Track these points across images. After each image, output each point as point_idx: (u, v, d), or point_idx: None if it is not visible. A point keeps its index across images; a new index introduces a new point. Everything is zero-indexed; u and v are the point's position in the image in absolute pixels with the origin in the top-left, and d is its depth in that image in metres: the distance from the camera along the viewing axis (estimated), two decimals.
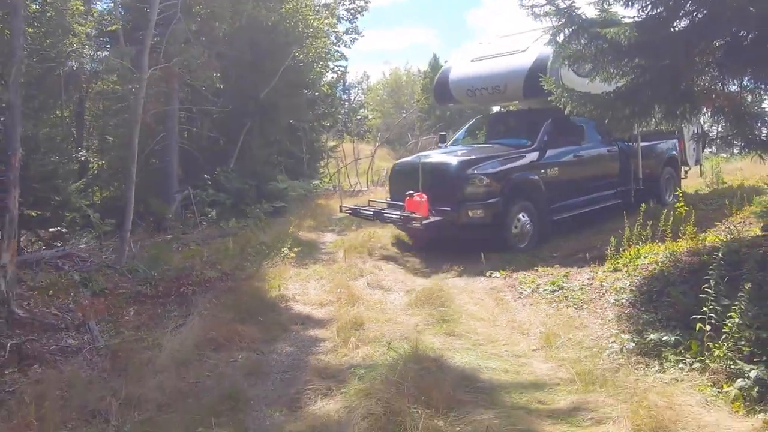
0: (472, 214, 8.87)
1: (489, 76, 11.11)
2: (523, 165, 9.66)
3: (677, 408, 3.61)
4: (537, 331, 5.42)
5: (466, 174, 9.11)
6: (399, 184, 9.88)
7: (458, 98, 11.88)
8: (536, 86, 9.61)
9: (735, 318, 4.05)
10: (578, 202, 10.44)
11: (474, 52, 12.06)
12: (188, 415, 3.95)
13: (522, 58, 10.72)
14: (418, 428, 3.23)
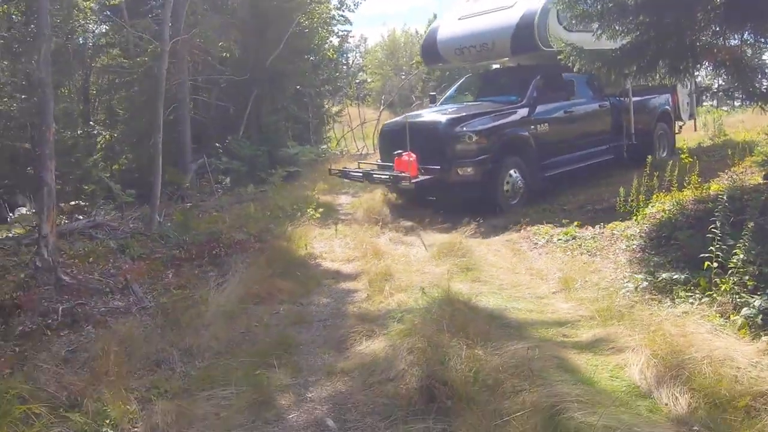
0: (461, 172, 8.91)
1: (476, 34, 11.07)
2: (512, 121, 9.67)
3: (689, 335, 4.03)
4: (555, 276, 5.86)
5: (455, 132, 9.12)
6: (388, 145, 9.92)
7: (446, 57, 11.89)
8: (524, 42, 10.20)
9: (740, 254, 4.47)
10: (570, 158, 10.47)
11: (461, 10, 12.00)
12: (245, 360, 4.39)
13: (509, 14, 10.67)
14: (461, 357, 3.66)
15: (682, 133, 14.24)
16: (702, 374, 3.60)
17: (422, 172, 8.82)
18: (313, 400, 3.78)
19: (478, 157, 8.91)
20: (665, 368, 3.75)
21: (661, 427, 3.28)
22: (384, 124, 12.04)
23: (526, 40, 10.14)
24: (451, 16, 12.17)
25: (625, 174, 8.86)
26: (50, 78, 6.88)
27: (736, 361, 3.70)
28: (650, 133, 12.35)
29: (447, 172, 8.90)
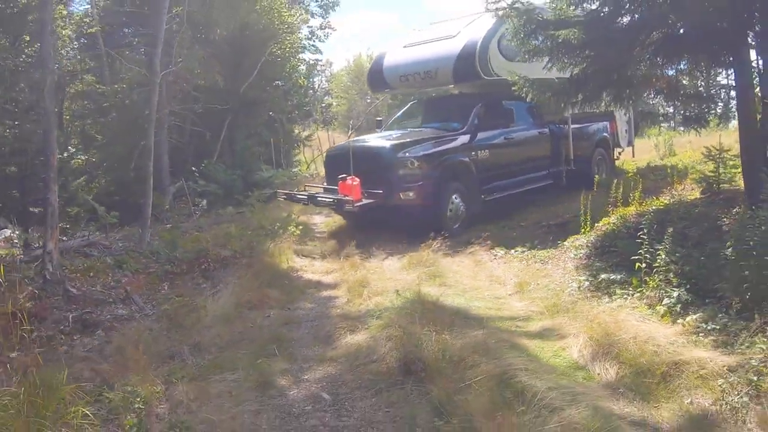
0: (404, 197, 9.19)
1: (421, 62, 11.49)
2: (454, 148, 10.02)
3: (621, 323, 4.89)
4: (511, 281, 6.75)
5: (398, 157, 9.43)
6: (333, 169, 10.05)
7: (392, 84, 12.30)
8: (466, 71, 10.71)
9: (662, 256, 5.39)
10: (510, 183, 10.82)
11: (407, 39, 12.59)
12: (247, 353, 5.16)
13: (452, 43, 11.15)
14: (431, 341, 4.48)
15: (634, 154, 15.34)
16: (628, 351, 4.48)
17: (365, 195, 9.10)
18: (308, 381, 4.56)
19: (419, 182, 9.25)
20: (599, 347, 4.63)
21: (593, 390, 4.14)
22: (329, 148, 12.77)
23: (468, 68, 10.66)
24: (396, 44, 12.68)
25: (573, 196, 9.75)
26: (53, 107, 7.60)
27: (657, 341, 4.57)
28: (589, 159, 12.79)
29: (390, 197, 9.22)
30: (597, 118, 13.05)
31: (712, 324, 4.67)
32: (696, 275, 5.29)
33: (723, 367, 4.11)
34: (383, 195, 9.21)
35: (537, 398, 3.69)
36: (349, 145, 9.48)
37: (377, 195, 9.18)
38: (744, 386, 3.89)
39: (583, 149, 12.54)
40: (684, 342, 4.53)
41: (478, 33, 10.85)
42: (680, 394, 4.03)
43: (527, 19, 7.94)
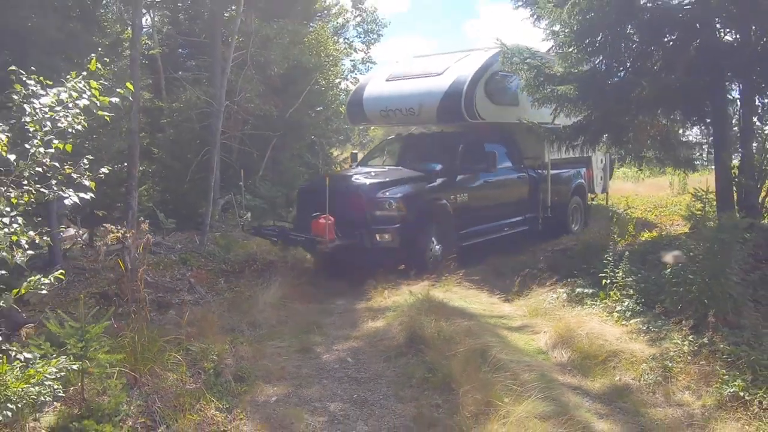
0: (379, 238, 8.86)
1: (403, 97, 11.14)
2: (432, 189, 9.76)
3: (582, 323, 6.41)
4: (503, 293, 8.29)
5: (376, 197, 9.12)
6: (306, 205, 9.68)
7: (371, 118, 12.02)
8: (450, 111, 10.48)
9: (620, 274, 6.91)
10: (487, 228, 10.62)
11: (390, 71, 12.14)
12: (291, 330, 6.80)
13: (437, 81, 10.83)
14: (431, 326, 6.06)
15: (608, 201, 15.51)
16: (581, 342, 6.00)
17: (339, 235, 8.64)
18: (337, 350, 6.18)
19: (397, 224, 8.92)
20: (560, 339, 6.17)
21: (547, 366, 5.69)
22: (301, 184, 12.44)
23: (453, 109, 10.42)
24: (379, 76, 12.30)
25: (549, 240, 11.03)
26: (137, 127, 9.37)
27: (605, 337, 6.08)
28: (565, 205, 12.63)
29: (365, 237, 8.85)
30: (574, 164, 13.02)
31: (649, 326, 6.16)
32: (646, 290, 6.78)
33: (648, 356, 5.61)
34: (359, 236, 8.84)
35: (500, 365, 5.25)
36: (326, 182, 8.60)
37: (352, 235, 8.81)
38: (659, 369, 5.39)
39: (560, 196, 12.37)
40: (626, 338, 6.04)
41: (465, 73, 10.64)
42: (612, 373, 5.56)
43: (537, 73, 9.53)
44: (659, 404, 5.03)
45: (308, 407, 4.92)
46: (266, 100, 13.65)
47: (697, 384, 5.10)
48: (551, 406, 4.64)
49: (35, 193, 4.22)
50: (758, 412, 4.54)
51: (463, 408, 4.55)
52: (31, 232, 4.09)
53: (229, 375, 5.35)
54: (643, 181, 21.76)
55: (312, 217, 8.73)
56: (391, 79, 11.79)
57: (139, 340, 5.26)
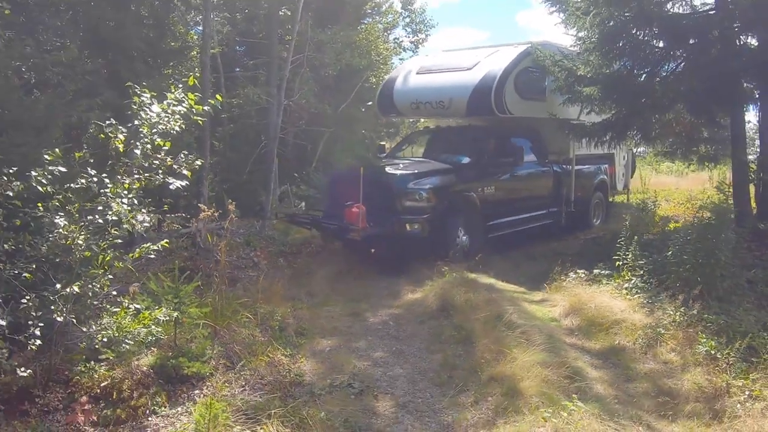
0: (409, 228, 9.22)
1: (434, 90, 11.50)
2: (460, 181, 10.12)
3: (594, 298, 7.47)
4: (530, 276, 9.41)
5: (406, 188, 9.47)
6: (337, 194, 10.03)
7: (402, 110, 12.32)
8: (480, 105, 10.75)
9: (630, 257, 7.96)
10: (512, 221, 10.91)
11: (421, 64, 12.58)
12: (343, 299, 8.06)
13: (468, 75, 11.15)
14: (460, 296, 7.23)
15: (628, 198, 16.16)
16: (590, 313, 7.11)
17: (371, 224, 8.99)
18: (381, 315, 7.42)
19: (427, 215, 9.29)
20: (572, 310, 7.29)
21: (556, 330, 6.82)
22: (333, 173, 12.83)
23: (483, 103, 10.70)
24: (410, 68, 12.71)
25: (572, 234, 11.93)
26: (208, 123, 10.74)
27: (612, 309, 7.15)
28: (588, 201, 13.08)
29: (396, 226, 9.24)
30: (597, 161, 13.47)
31: (650, 300, 7.20)
32: (653, 270, 7.81)
33: (645, 324, 6.67)
34: (389, 224, 9.26)
35: (515, 326, 6.40)
36: (358, 172, 9.03)
37: (383, 224, 9.21)
38: (652, 335, 6.46)
39: (583, 191, 12.79)
40: (629, 310, 7.09)
41: (495, 68, 10.98)
42: (613, 337, 6.65)
43: (568, 74, 10.55)
44: (647, 361, 6.13)
45: (356, 355, 6.17)
46: (320, 99, 14.90)
47: (681, 347, 6.16)
48: (553, 357, 5.79)
49: (145, 180, 5.53)
50: (725, 367, 5.58)
51: (479, 355, 5.74)
52: (143, 210, 5.41)
53: (291, 331, 6.62)
54: (687, 175, 22.47)
55: (345, 205, 9.11)
56: (421, 72, 12.19)
57: (219, 301, 6.54)
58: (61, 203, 5.01)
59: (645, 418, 5.00)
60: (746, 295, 7.13)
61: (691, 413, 5.06)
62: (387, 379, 5.67)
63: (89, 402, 4.91)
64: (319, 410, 4.84)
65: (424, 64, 12.57)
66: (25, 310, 4.62)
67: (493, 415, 4.85)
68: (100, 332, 5.12)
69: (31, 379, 4.77)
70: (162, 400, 5.07)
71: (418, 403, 5.20)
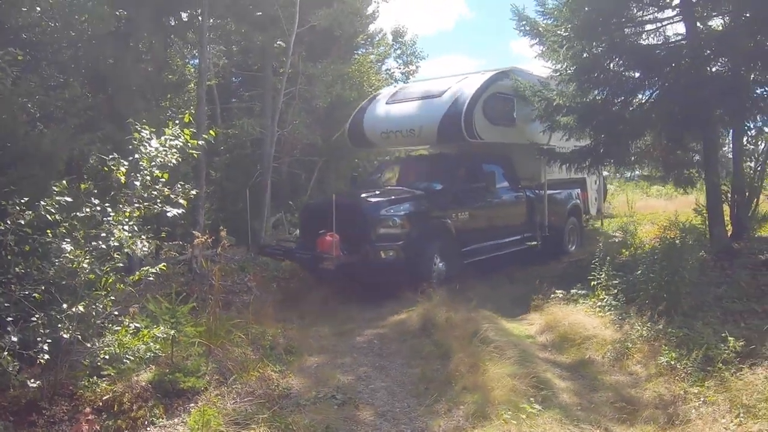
0: (384, 255, 9.26)
1: (404, 119, 11.63)
2: (434, 208, 10.25)
3: (569, 316, 7.97)
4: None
5: (380, 214, 9.58)
6: (310, 224, 10.16)
7: (372, 140, 12.40)
8: (450, 132, 10.92)
9: (604, 276, 8.46)
10: (487, 247, 11.01)
11: (390, 94, 12.77)
12: (332, 320, 8.53)
13: (437, 102, 11.33)
14: (441, 315, 7.71)
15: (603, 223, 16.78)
16: (564, 329, 7.59)
17: (344, 253, 9.11)
18: (366, 334, 7.90)
19: (400, 241, 9.38)
20: (547, 327, 7.78)
21: (531, 345, 7.30)
22: (307, 202, 12.92)
23: (453, 129, 10.84)
24: (379, 98, 12.85)
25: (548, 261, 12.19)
26: (205, 164, 11.31)
27: (584, 325, 7.63)
28: (562, 227, 13.31)
29: (370, 254, 9.25)
30: (570, 185, 13.71)
31: (621, 317, 7.68)
32: (624, 289, 8.30)
33: (614, 339, 7.16)
34: (364, 253, 9.26)
35: (491, 342, 6.87)
36: (331, 201, 9.02)
37: (357, 252, 9.24)
38: (621, 349, 6.93)
39: (557, 216, 13.02)
40: (601, 327, 7.58)
41: (464, 94, 11.11)
42: (583, 351, 7.13)
43: (548, 104, 11.14)
44: (613, 373, 6.60)
45: (341, 370, 6.64)
46: (312, 131, 15.48)
47: (646, 359, 6.63)
48: (524, 369, 6.25)
49: (144, 209, 6.05)
50: (683, 376, 6.06)
51: (455, 369, 6.23)
52: (142, 237, 5.93)
53: (281, 349, 7.09)
54: (677, 198, 22.99)
55: (318, 234, 9.26)
56: (391, 102, 12.38)
57: (213, 322, 7.02)
58: (68, 230, 5.53)
59: (604, 423, 5.46)
60: (712, 311, 7.58)
61: (648, 418, 5.51)
62: (368, 391, 6.14)
63: (92, 413, 5.37)
64: (303, 417, 5.30)
65: (394, 93, 12.82)
66: (34, 328, 5.12)
67: (463, 421, 5.32)
68: (102, 349, 5.60)
69: (38, 392, 5.26)
70: (160, 412, 5.51)
71: (395, 412, 5.67)
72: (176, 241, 12.41)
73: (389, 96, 12.74)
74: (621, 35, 10.37)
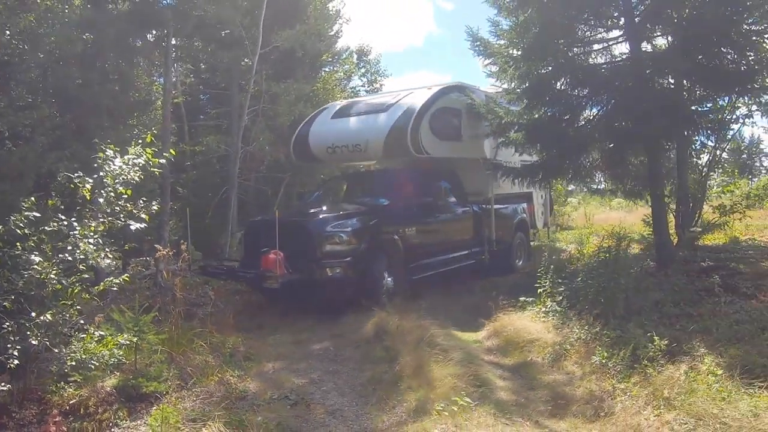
0: (330, 272, 9.20)
1: (350, 134, 11.62)
2: (381, 223, 10.16)
3: (515, 322, 8.51)
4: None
5: (326, 231, 9.54)
6: (254, 242, 10.07)
7: (318, 155, 12.30)
8: (396, 147, 10.91)
9: (547, 284, 9.03)
10: (436, 262, 11.10)
11: (335, 109, 12.73)
12: (290, 330, 8.99)
13: (383, 118, 11.29)
14: (394, 323, 8.20)
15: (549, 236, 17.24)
16: (509, 334, 8.14)
17: (289, 270, 8.92)
18: (322, 342, 8.37)
19: (347, 258, 9.33)
20: (494, 332, 8.33)
21: (476, 349, 7.84)
22: (250, 220, 12.62)
23: (400, 144, 10.82)
24: (325, 114, 12.78)
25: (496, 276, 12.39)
26: (169, 180, 11.74)
27: (528, 330, 8.17)
28: (510, 242, 13.45)
29: (316, 271, 9.20)
30: (516, 200, 13.86)
31: (562, 321, 8.25)
32: (568, 296, 8.87)
33: (554, 343, 7.71)
34: (309, 270, 9.20)
35: (438, 346, 7.39)
36: (274, 218, 8.96)
37: (302, 270, 9.14)
38: (560, 351, 7.49)
39: (504, 230, 13.09)
40: (544, 331, 8.13)
41: (411, 109, 11.13)
42: (526, 354, 7.67)
43: (499, 122, 11.74)
44: (552, 373, 7.14)
45: (296, 375, 7.10)
46: (276, 148, 15.97)
47: (582, 359, 7.17)
48: (467, 370, 6.78)
49: (108, 224, 6.50)
50: (613, 373, 6.61)
51: (402, 371, 6.73)
52: (106, 249, 6.38)
53: (240, 357, 7.54)
54: (637, 209, 23.79)
55: (261, 252, 9.04)
56: (337, 116, 12.36)
57: (175, 331, 7.45)
58: (36, 243, 5.96)
59: (536, 416, 5.99)
60: (648, 315, 8.15)
61: (577, 412, 6.05)
62: (321, 393, 6.62)
63: (60, 416, 5.77)
64: (257, 416, 5.77)
65: (340, 108, 12.82)
66: (4, 335, 5.54)
67: (405, 417, 5.81)
68: (69, 355, 6.03)
69: (8, 396, 5.66)
70: (123, 414, 5.92)
71: (344, 411, 6.15)
72: (143, 257, 12.81)
73: (335, 111, 12.74)
74: (568, 56, 11.01)
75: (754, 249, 12.11)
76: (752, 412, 5.34)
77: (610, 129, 10.84)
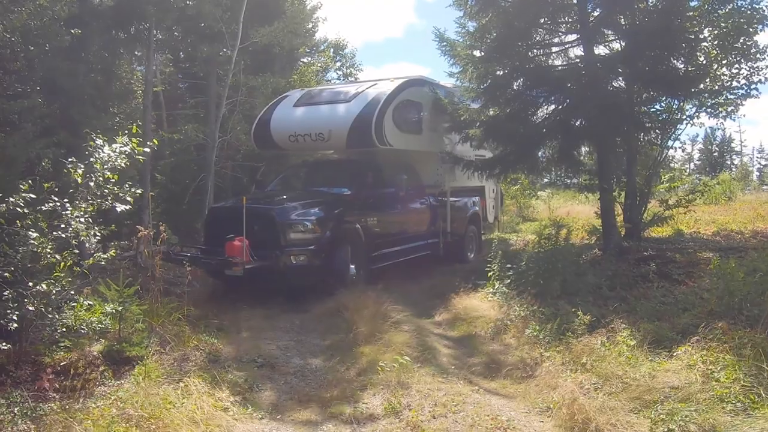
0: (295, 260, 9.45)
1: (313, 122, 11.63)
2: (344, 212, 10.43)
3: (465, 301, 9.49)
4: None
5: (290, 219, 9.69)
6: (217, 229, 9.99)
7: (279, 143, 12.35)
8: (360, 138, 11.06)
9: (495, 268, 10.01)
10: (394, 252, 11.49)
11: (297, 97, 12.75)
12: (263, 306, 9.91)
13: (346, 108, 11.43)
14: (353, 302, 9.14)
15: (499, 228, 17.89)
16: (458, 311, 9.13)
17: (254, 258, 9.09)
18: (290, 316, 9.31)
19: (311, 246, 9.56)
20: (445, 309, 9.32)
21: (427, 324, 8.83)
22: (212, 207, 12.65)
23: (363, 135, 10.99)
24: (287, 101, 12.79)
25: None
26: (149, 168, 12.57)
27: (476, 308, 9.16)
28: (463, 234, 13.90)
29: (280, 259, 9.41)
30: (469, 194, 14.36)
31: (506, 300, 9.23)
32: (514, 278, 9.85)
33: (497, 318, 8.70)
34: (274, 257, 9.38)
35: (392, 319, 8.36)
36: (239, 205, 9.15)
37: (266, 257, 9.31)
38: (501, 325, 8.47)
39: (458, 222, 13.54)
40: (489, 309, 9.11)
41: (376, 100, 11.29)
42: (471, 327, 8.67)
43: (464, 118, 12.67)
44: (491, 344, 8.13)
45: (264, 342, 8.03)
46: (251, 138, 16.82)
47: (519, 332, 8.15)
48: (415, 340, 7.76)
49: (97, 205, 7.37)
50: (543, 344, 7.59)
51: (356, 337, 7.71)
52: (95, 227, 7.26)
53: (214, 328, 8.47)
54: None
55: (226, 239, 9.11)
56: (299, 105, 12.32)
57: (155, 304, 8.33)
58: (33, 222, 6.82)
59: (470, 377, 6.97)
60: (585, 296, 9.13)
61: (506, 375, 7.03)
62: (285, 357, 7.58)
63: (52, 374, 6.67)
64: (228, 374, 6.70)
65: (301, 96, 12.80)
66: (4, 302, 6.42)
67: (355, 375, 6.80)
68: (60, 321, 6.91)
69: (6, 357, 6.53)
70: (109, 375, 6.77)
71: (304, 371, 7.14)
72: (123, 240, 13.61)
73: (297, 98, 12.71)
74: (526, 58, 11.99)
75: (695, 241, 13.26)
76: (650, 374, 6.30)
77: (563, 126, 11.82)
